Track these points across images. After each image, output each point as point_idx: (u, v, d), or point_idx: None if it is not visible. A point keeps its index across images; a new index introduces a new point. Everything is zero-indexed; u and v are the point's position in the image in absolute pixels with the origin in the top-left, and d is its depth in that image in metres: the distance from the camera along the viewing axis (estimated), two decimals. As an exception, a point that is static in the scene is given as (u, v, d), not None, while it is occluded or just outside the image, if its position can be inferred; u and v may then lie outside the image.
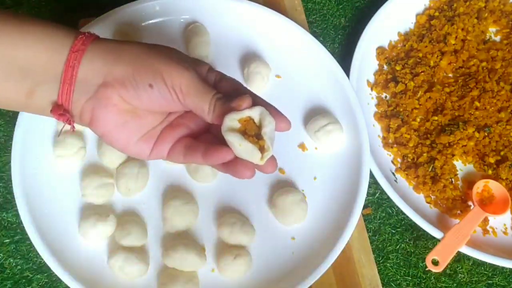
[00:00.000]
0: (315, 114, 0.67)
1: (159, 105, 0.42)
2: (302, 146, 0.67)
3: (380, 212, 0.67)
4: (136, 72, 0.41)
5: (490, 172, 0.69)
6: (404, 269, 0.65)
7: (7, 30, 0.41)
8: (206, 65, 0.44)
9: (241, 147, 0.39)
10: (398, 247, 0.66)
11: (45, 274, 0.60)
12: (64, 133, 0.60)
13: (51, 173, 0.62)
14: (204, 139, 0.44)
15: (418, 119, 0.71)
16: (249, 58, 0.70)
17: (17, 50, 0.40)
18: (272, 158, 0.41)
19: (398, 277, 0.65)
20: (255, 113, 0.40)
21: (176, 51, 0.43)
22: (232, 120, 0.40)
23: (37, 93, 0.42)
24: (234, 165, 0.41)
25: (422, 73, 0.72)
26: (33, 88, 0.41)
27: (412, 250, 0.66)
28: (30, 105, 0.43)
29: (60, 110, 0.42)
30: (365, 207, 0.65)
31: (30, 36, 0.41)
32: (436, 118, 0.70)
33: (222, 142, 0.41)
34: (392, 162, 0.70)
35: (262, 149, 0.40)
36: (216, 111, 0.40)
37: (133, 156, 0.45)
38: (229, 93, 0.42)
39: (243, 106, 0.39)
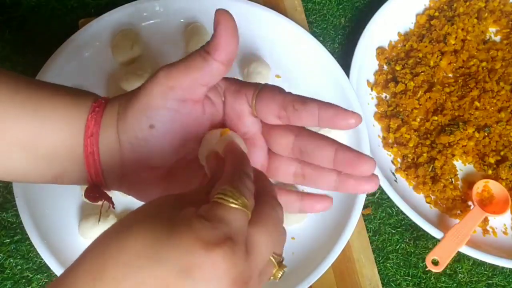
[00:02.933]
0: (315, 114, 0.67)
1: (174, 135, 0.38)
2: (302, 146, 0.67)
3: (380, 212, 0.67)
4: (132, 129, 0.37)
5: (490, 172, 0.69)
6: (404, 269, 0.65)
7: (27, 114, 0.37)
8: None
9: None
10: (398, 247, 0.66)
11: (45, 274, 0.60)
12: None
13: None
14: None
15: (418, 119, 0.71)
16: (249, 58, 0.70)
17: (40, 138, 0.37)
18: None
19: (398, 277, 0.65)
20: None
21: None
22: None
23: (65, 177, 0.39)
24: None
25: (422, 73, 0.72)
26: (60, 173, 0.39)
27: (412, 250, 0.66)
28: (59, 183, 0.40)
29: (94, 192, 0.39)
30: (365, 207, 0.65)
31: (51, 122, 0.37)
32: (436, 118, 0.70)
33: None
34: (392, 162, 0.70)
35: None
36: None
37: None
38: (279, 113, 0.37)
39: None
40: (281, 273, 0.32)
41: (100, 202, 0.40)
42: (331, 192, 0.64)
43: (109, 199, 0.40)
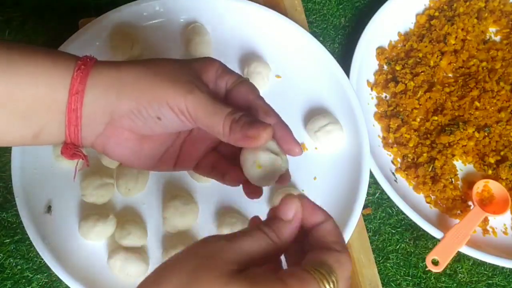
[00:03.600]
0: (315, 114, 0.67)
1: (171, 129, 0.40)
2: (302, 146, 0.67)
3: (380, 212, 0.67)
4: (141, 106, 0.38)
5: (490, 172, 0.69)
6: (404, 269, 0.65)
7: (3, 71, 0.37)
8: (213, 67, 0.41)
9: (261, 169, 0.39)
10: (398, 247, 0.66)
11: (45, 274, 0.60)
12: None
13: (51, 173, 0.62)
14: (226, 150, 0.43)
15: (418, 119, 0.71)
16: (249, 58, 0.70)
17: (16, 93, 0.38)
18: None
19: (398, 277, 0.65)
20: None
21: (173, 65, 0.40)
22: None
23: (43, 134, 0.40)
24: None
25: (422, 73, 0.72)
26: (39, 130, 0.39)
27: (412, 250, 0.66)
28: (38, 143, 0.41)
29: (70, 150, 0.40)
30: (365, 207, 0.65)
31: (28, 77, 0.38)
32: (436, 118, 0.70)
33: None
34: (392, 162, 0.70)
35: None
36: (233, 137, 0.37)
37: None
38: (243, 107, 0.39)
39: (261, 141, 0.37)
40: None
41: (75, 160, 0.42)
42: (333, 194, 0.64)
43: (85, 157, 0.42)
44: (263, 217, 0.35)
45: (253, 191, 0.42)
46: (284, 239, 0.33)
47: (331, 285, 0.30)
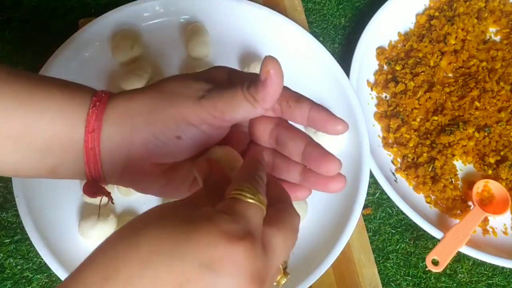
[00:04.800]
0: (315, 114, 0.67)
1: (193, 149, 0.38)
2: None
3: (380, 212, 0.67)
4: (157, 131, 0.36)
5: (490, 172, 0.69)
6: (404, 269, 0.65)
7: (22, 105, 0.36)
8: (223, 71, 0.40)
9: None
10: (398, 247, 0.66)
11: (45, 274, 0.60)
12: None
13: (51, 173, 0.62)
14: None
15: (418, 119, 0.71)
16: (249, 58, 0.70)
17: (34, 129, 0.36)
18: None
19: (398, 277, 0.65)
20: None
21: (182, 80, 0.38)
22: None
23: (61, 170, 0.38)
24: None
25: (422, 73, 0.72)
26: (56, 166, 0.38)
27: (412, 250, 0.66)
28: (55, 177, 0.40)
29: (92, 188, 0.39)
30: (365, 207, 0.65)
31: (46, 113, 0.36)
32: (436, 118, 0.70)
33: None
34: (392, 162, 0.70)
35: None
36: (254, 99, 0.36)
37: None
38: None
39: (277, 89, 0.35)
40: (285, 280, 0.32)
41: (98, 198, 0.41)
42: (333, 194, 0.64)
43: (108, 194, 0.40)
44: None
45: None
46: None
47: (250, 192, 0.29)
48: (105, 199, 0.41)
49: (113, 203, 0.42)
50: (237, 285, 0.26)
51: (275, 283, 0.32)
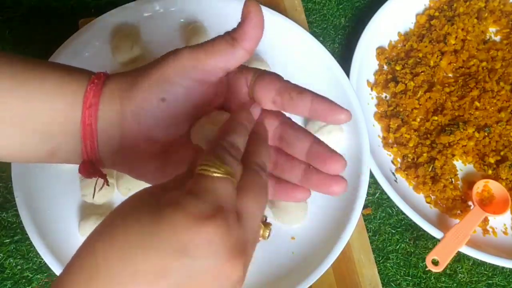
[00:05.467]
0: (315, 114, 0.67)
1: (182, 112, 0.37)
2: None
3: (380, 212, 0.67)
4: (142, 101, 0.36)
5: (490, 172, 0.69)
6: (404, 269, 0.65)
7: (20, 87, 0.36)
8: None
9: None
10: (398, 247, 0.66)
11: (45, 274, 0.60)
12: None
13: (51, 173, 0.62)
14: None
15: (418, 119, 0.71)
16: (249, 58, 0.70)
17: (33, 111, 0.36)
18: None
19: (398, 277, 0.65)
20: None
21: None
22: None
23: (59, 152, 0.38)
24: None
25: (422, 73, 0.72)
26: (55, 148, 0.38)
27: (412, 250, 0.66)
28: (54, 161, 0.39)
29: (89, 168, 0.39)
30: (365, 207, 0.65)
31: (45, 94, 0.36)
32: (436, 118, 0.70)
33: None
34: (392, 162, 0.70)
35: None
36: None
37: None
38: (274, 99, 0.38)
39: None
40: (268, 231, 0.33)
41: (94, 179, 0.40)
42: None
43: (103, 176, 0.40)
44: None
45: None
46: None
47: (217, 166, 0.29)
48: (100, 182, 0.41)
49: (108, 185, 0.42)
50: (216, 264, 0.26)
51: (260, 238, 0.33)
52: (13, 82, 0.36)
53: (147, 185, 0.63)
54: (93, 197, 0.58)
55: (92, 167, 0.39)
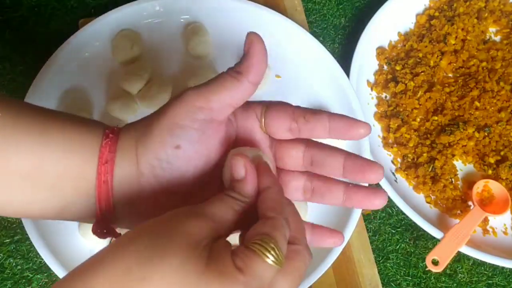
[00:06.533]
0: (315, 114, 0.67)
1: (198, 156, 0.36)
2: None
3: (380, 212, 0.67)
4: (156, 151, 0.34)
5: (490, 172, 0.69)
6: (404, 269, 0.65)
7: (35, 140, 0.34)
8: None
9: None
10: (398, 247, 0.66)
11: (45, 274, 0.60)
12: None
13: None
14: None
15: (418, 119, 0.71)
16: (249, 58, 0.70)
17: (47, 165, 0.34)
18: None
19: (398, 277, 0.65)
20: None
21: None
22: None
23: (69, 210, 0.36)
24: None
25: (422, 73, 0.72)
26: (64, 206, 0.36)
27: (412, 250, 0.66)
28: (63, 219, 0.37)
29: (102, 228, 0.37)
30: (365, 207, 0.65)
31: (60, 148, 0.34)
32: (436, 118, 0.70)
33: None
34: (392, 162, 0.70)
35: None
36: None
37: None
38: (290, 127, 0.37)
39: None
40: None
41: (108, 239, 0.38)
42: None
43: (118, 236, 0.38)
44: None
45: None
46: (248, 195, 0.33)
47: (273, 253, 0.29)
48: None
49: None
50: None
51: None
52: (27, 136, 0.34)
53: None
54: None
55: (107, 227, 0.37)
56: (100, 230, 0.37)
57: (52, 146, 0.34)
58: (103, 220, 0.36)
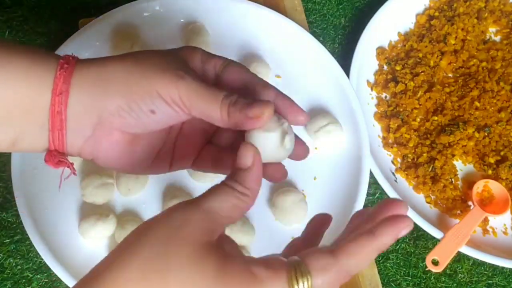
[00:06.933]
0: (315, 114, 0.67)
1: (165, 124, 0.37)
2: (302, 146, 0.67)
3: (380, 212, 0.67)
4: (131, 101, 0.35)
5: (490, 172, 0.69)
6: (404, 269, 0.65)
7: None
8: (197, 54, 0.38)
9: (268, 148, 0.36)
10: (398, 247, 0.66)
11: (45, 274, 0.60)
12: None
13: (51, 173, 0.62)
14: (223, 141, 0.41)
15: (418, 119, 0.71)
16: (249, 58, 0.70)
17: None
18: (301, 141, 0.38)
19: (398, 277, 0.65)
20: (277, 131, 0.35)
21: (161, 55, 0.37)
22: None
23: (22, 141, 0.36)
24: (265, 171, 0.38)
25: (422, 73, 0.72)
26: (17, 136, 0.36)
27: (412, 250, 0.66)
28: (16, 150, 0.38)
29: (55, 158, 0.37)
30: (365, 207, 0.65)
31: (7, 78, 0.34)
32: (436, 118, 0.70)
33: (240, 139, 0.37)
34: (392, 162, 0.70)
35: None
36: (232, 120, 0.35)
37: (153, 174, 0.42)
38: (239, 89, 0.37)
39: (264, 119, 0.34)
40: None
41: (60, 168, 0.39)
42: (333, 194, 0.64)
43: (71, 165, 0.39)
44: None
45: (277, 169, 0.39)
46: (252, 187, 0.33)
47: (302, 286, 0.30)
48: (67, 171, 0.39)
49: (75, 174, 0.40)
50: None
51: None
52: None
53: (149, 186, 0.62)
54: (59, 188, 0.54)
55: (60, 156, 0.37)
56: (53, 160, 0.37)
57: (2, 76, 0.34)
58: (56, 150, 0.37)
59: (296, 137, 0.38)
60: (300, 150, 0.38)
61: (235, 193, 0.33)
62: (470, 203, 0.67)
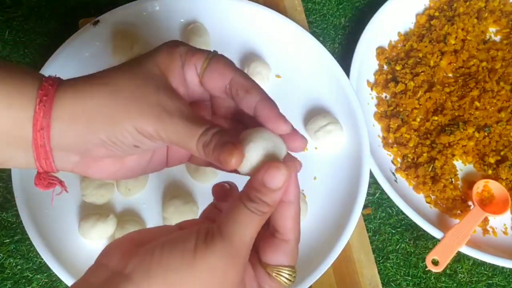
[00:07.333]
0: (315, 114, 0.67)
1: (152, 150, 0.39)
2: (302, 146, 0.67)
3: (380, 212, 0.67)
4: (113, 138, 0.35)
5: (490, 172, 0.69)
6: (404, 269, 0.65)
7: None
8: (176, 58, 0.37)
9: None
10: (398, 247, 0.66)
11: (45, 274, 0.60)
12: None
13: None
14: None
15: (418, 119, 0.71)
16: (249, 58, 0.70)
17: None
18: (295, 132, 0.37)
19: (398, 277, 0.65)
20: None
21: (138, 82, 0.36)
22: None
23: (11, 162, 0.36)
24: None
25: (422, 73, 0.72)
26: (6, 160, 0.36)
27: (412, 250, 0.66)
28: (8, 167, 0.38)
29: (44, 181, 0.38)
30: (365, 207, 0.65)
31: None
32: (436, 118, 0.70)
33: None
34: (392, 162, 0.70)
35: None
36: (207, 159, 0.35)
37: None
38: (222, 98, 0.38)
39: (232, 165, 0.33)
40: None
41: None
42: (333, 194, 0.64)
43: (62, 184, 0.39)
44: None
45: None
46: (275, 205, 0.34)
47: (293, 280, 0.35)
48: (58, 188, 0.40)
49: (67, 191, 0.40)
50: None
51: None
52: None
53: (149, 186, 0.62)
54: (51, 206, 0.54)
55: (49, 178, 0.38)
56: (43, 182, 0.38)
57: None
58: (45, 173, 0.37)
59: (292, 129, 0.37)
60: (297, 142, 0.37)
61: (258, 217, 0.33)
62: (470, 203, 0.67)
